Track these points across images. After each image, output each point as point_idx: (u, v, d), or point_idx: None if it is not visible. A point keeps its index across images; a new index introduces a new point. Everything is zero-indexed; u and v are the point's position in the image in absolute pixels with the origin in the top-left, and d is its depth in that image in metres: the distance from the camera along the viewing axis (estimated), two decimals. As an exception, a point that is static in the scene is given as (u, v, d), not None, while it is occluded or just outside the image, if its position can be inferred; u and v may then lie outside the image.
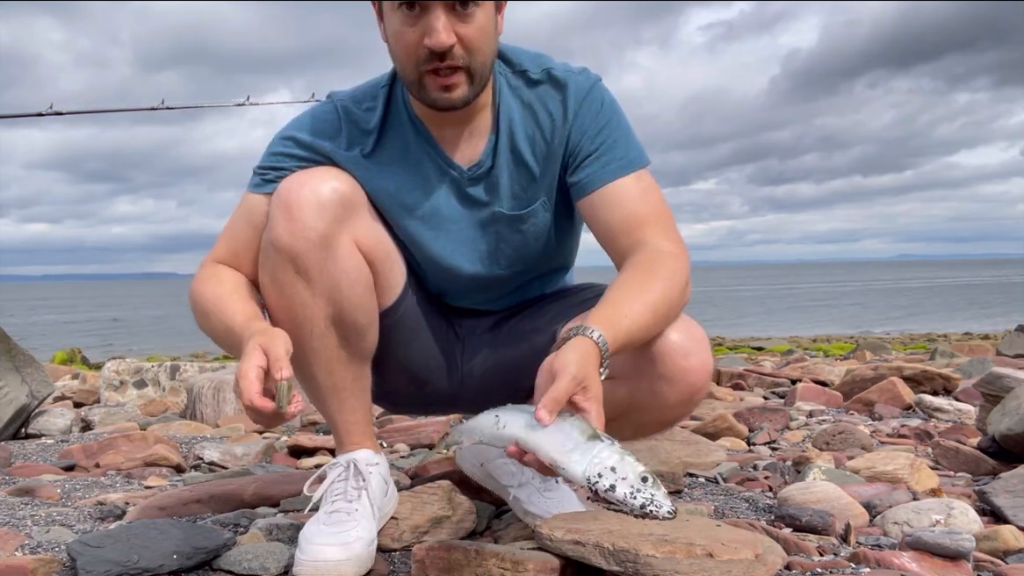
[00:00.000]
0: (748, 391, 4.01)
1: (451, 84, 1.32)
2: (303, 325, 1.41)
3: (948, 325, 17.66)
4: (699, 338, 1.37)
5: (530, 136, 1.45)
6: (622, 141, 1.43)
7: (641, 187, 1.42)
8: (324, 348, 1.42)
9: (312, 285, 1.38)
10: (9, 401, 3.02)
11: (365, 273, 1.44)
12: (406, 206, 1.48)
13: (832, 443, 2.48)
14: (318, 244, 1.36)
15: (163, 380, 4.17)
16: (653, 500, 1.04)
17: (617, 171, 1.41)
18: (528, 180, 1.47)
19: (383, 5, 1.34)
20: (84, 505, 1.92)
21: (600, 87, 1.45)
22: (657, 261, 1.34)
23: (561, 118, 1.43)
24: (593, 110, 1.43)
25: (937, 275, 78.52)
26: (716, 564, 1.14)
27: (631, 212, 1.39)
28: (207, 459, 2.51)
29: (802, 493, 1.73)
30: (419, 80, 1.34)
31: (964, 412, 2.95)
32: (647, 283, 1.30)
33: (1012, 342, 5.91)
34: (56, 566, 1.41)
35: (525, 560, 1.24)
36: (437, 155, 1.46)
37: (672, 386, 1.36)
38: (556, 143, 1.44)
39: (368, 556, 1.38)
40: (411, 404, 1.78)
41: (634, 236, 1.38)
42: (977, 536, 1.47)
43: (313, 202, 1.36)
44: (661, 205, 1.43)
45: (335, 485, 1.46)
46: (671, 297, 1.31)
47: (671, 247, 1.37)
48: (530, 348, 1.52)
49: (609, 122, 1.43)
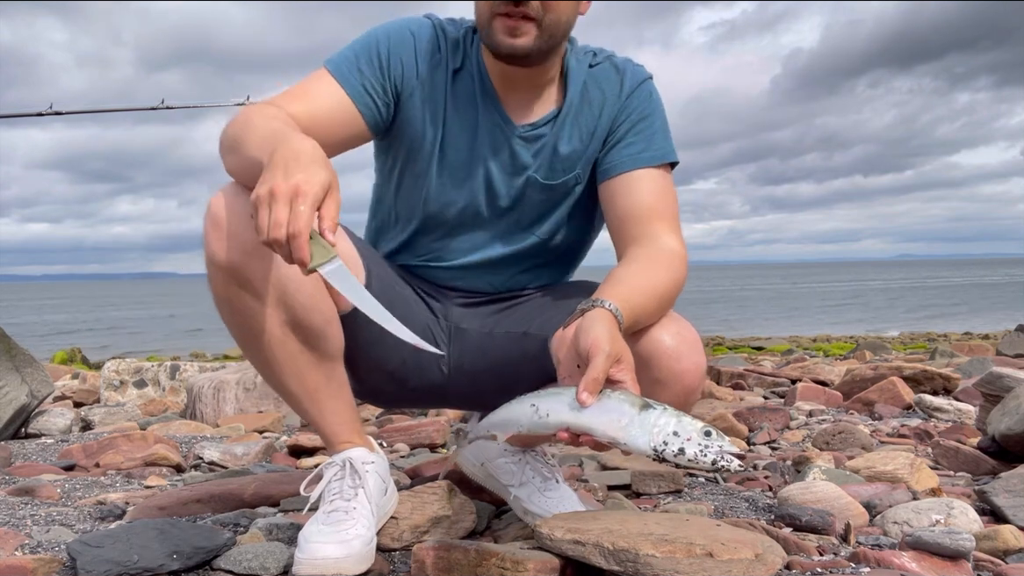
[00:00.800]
0: (748, 391, 4.02)
1: (518, 28, 1.35)
2: (260, 336, 1.38)
3: (948, 325, 17.66)
4: (691, 341, 1.38)
5: (584, 111, 1.50)
6: (659, 135, 1.50)
7: (663, 183, 1.47)
8: (288, 355, 1.40)
9: (259, 295, 1.35)
10: (9, 401, 3.02)
11: None
12: (444, 155, 1.49)
13: (832, 443, 2.48)
14: (254, 253, 1.31)
15: (163, 380, 4.17)
16: (723, 454, 1.07)
17: (647, 161, 1.47)
18: (573, 154, 1.50)
19: None
20: (84, 505, 1.92)
21: (652, 83, 1.53)
22: (665, 254, 1.39)
23: (615, 97, 1.50)
24: (642, 98, 1.50)
25: (937, 275, 78.58)
26: (716, 564, 1.14)
27: (648, 204, 1.44)
28: (207, 459, 2.51)
29: (802, 493, 1.73)
30: (490, 21, 1.37)
31: (964, 412, 2.95)
32: (655, 272, 1.35)
33: (1012, 342, 5.91)
34: (56, 566, 1.41)
35: (525, 560, 1.24)
36: (496, 111, 1.49)
37: (666, 389, 1.36)
38: (603, 121, 1.49)
39: (367, 554, 1.38)
40: (397, 400, 1.76)
41: (645, 227, 1.42)
42: (977, 536, 1.47)
43: (244, 212, 1.30)
44: (675, 206, 1.48)
45: (332, 484, 1.46)
46: (672, 291, 1.36)
47: (676, 247, 1.43)
48: (524, 340, 1.52)
49: (652, 114, 1.50)
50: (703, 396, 3.74)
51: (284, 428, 3.24)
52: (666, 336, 1.36)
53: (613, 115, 1.49)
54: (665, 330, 1.37)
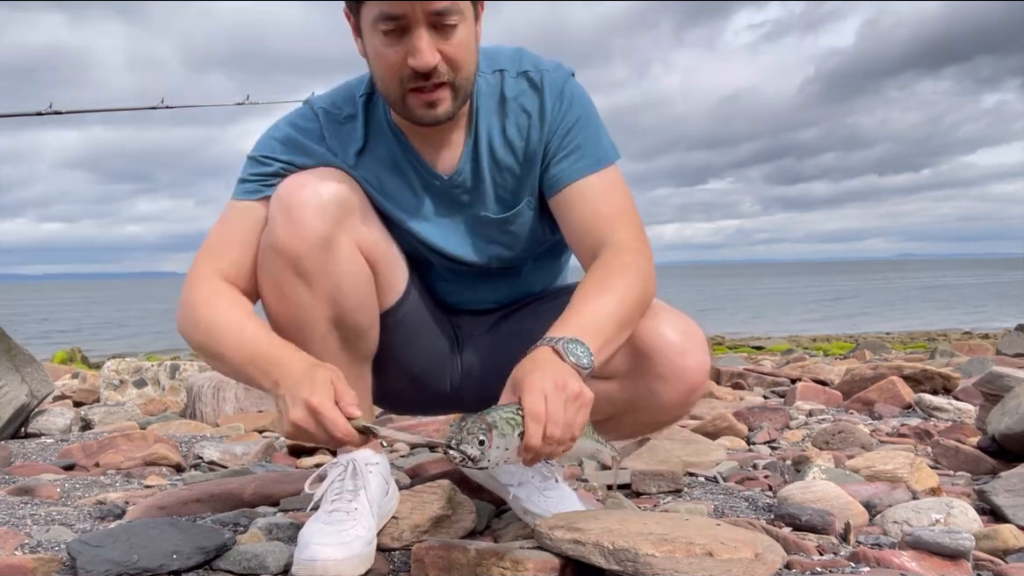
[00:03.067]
0: (748, 390, 4.02)
1: (435, 100, 1.31)
2: (304, 328, 1.40)
3: (948, 324, 17.65)
4: (697, 338, 1.38)
5: (509, 138, 1.45)
6: (592, 139, 1.44)
7: (607, 184, 1.42)
8: (326, 351, 1.41)
9: (313, 287, 1.37)
10: (9, 400, 3.02)
11: (366, 274, 1.43)
12: (395, 214, 1.48)
13: (832, 442, 2.48)
14: (319, 246, 1.35)
15: (163, 379, 4.17)
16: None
17: (584, 169, 1.42)
18: (512, 181, 1.47)
19: (361, 23, 1.31)
20: (84, 504, 1.91)
21: (572, 83, 1.45)
22: (616, 259, 1.34)
23: (538, 117, 1.43)
24: (566, 107, 1.43)
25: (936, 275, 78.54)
26: (716, 563, 1.14)
27: (595, 209, 1.40)
28: (207, 458, 2.51)
29: (802, 492, 1.73)
30: (402, 98, 1.32)
31: (964, 411, 2.95)
32: (609, 279, 1.31)
33: (1012, 341, 5.92)
34: (56, 565, 1.41)
35: (525, 560, 1.24)
36: (419, 165, 1.45)
37: (669, 386, 1.37)
38: (535, 141, 1.44)
39: (367, 555, 1.38)
40: (411, 405, 1.78)
41: (599, 234, 1.38)
42: (977, 535, 1.47)
43: (314, 203, 1.35)
44: (625, 201, 1.43)
45: (335, 484, 1.46)
46: (636, 295, 1.31)
47: (633, 243, 1.38)
48: (533, 339, 1.52)
49: (579, 120, 1.44)
50: (703, 395, 3.74)
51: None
52: (670, 331, 1.36)
53: (542, 134, 1.43)
54: (669, 325, 1.37)
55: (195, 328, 1.36)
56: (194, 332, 1.37)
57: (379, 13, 1.26)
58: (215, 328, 1.34)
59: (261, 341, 1.31)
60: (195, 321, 1.36)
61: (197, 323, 1.36)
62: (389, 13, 1.25)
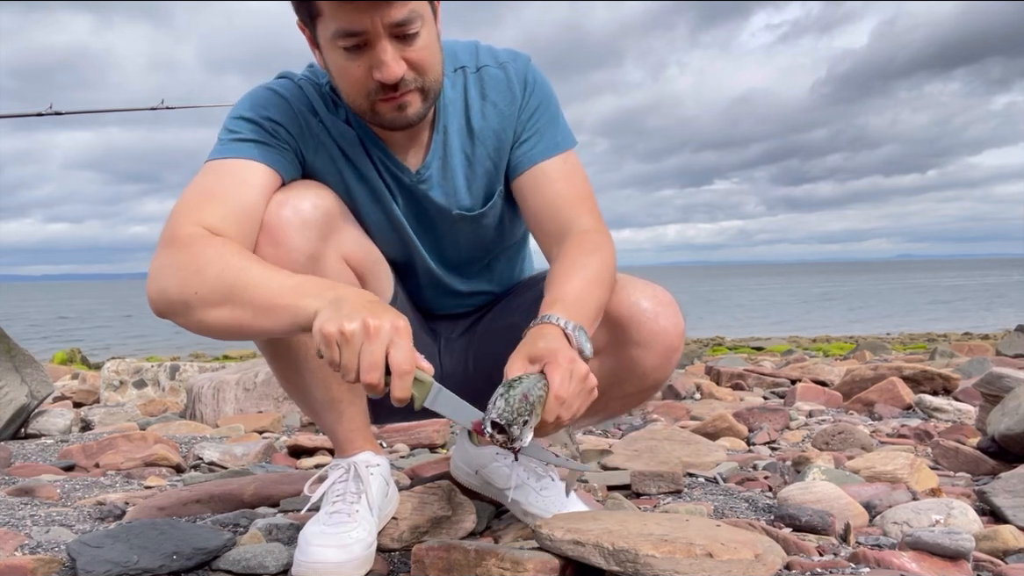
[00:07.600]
0: (748, 391, 4.02)
1: (405, 102, 1.29)
2: (298, 345, 1.40)
3: (948, 325, 17.66)
4: (667, 302, 1.43)
5: (477, 128, 1.45)
6: (551, 124, 1.47)
7: (566, 169, 1.45)
8: (321, 366, 1.39)
9: None
10: (9, 401, 3.02)
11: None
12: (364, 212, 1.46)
13: (832, 443, 2.48)
14: (305, 265, 1.32)
15: (163, 380, 4.18)
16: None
17: (545, 152, 1.45)
18: (485, 173, 1.47)
19: (317, 37, 1.27)
20: (84, 505, 1.92)
21: (532, 69, 1.47)
22: (588, 240, 1.37)
23: (506, 106, 1.44)
24: (528, 93, 1.45)
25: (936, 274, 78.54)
26: (716, 564, 1.14)
27: (557, 192, 1.43)
28: (207, 459, 2.51)
29: (802, 493, 1.73)
30: (371, 108, 1.30)
31: (964, 412, 2.95)
32: (588, 261, 1.32)
33: (1012, 342, 5.92)
34: (56, 566, 1.41)
35: (525, 560, 1.24)
36: (389, 160, 1.44)
37: (649, 351, 1.41)
38: (503, 131, 1.45)
39: (367, 557, 1.38)
40: (396, 411, 1.78)
41: (560, 218, 1.41)
42: (977, 536, 1.47)
43: (296, 222, 1.32)
44: (585, 186, 1.46)
45: (336, 486, 1.46)
46: (608, 270, 1.35)
47: (594, 225, 1.41)
48: (508, 344, 1.53)
49: (541, 104, 1.46)
50: (703, 396, 3.74)
51: (284, 428, 3.24)
52: (643, 300, 1.41)
53: (509, 123, 1.44)
54: (641, 294, 1.41)
55: (195, 274, 1.17)
56: (193, 279, 1.17)
57: (337, 29, 1.21)
58: (230, 267, 1.17)
59: (298, 272, 1.21)
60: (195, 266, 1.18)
61: (198, 268, 1.17)
62: (348, 30, 1.20)
